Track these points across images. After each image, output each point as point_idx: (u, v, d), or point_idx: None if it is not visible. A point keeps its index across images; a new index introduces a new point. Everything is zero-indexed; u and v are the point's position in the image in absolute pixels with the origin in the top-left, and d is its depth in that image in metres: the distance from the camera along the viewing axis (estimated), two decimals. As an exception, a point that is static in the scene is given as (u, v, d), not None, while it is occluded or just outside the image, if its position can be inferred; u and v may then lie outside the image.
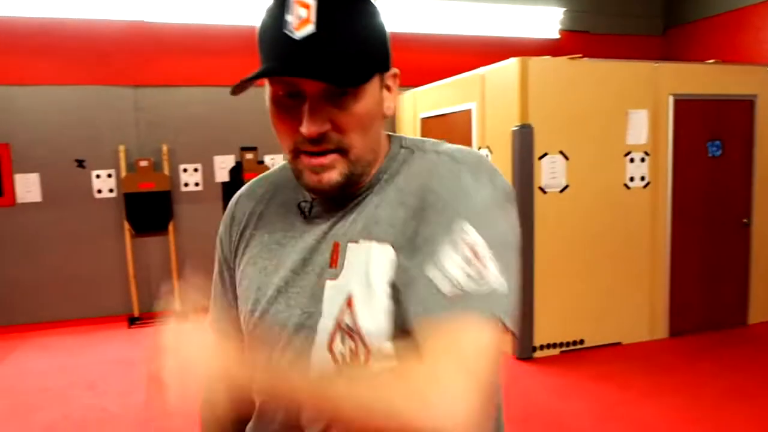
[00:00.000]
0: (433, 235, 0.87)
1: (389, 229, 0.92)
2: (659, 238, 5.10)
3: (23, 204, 5.88)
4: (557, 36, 7.24)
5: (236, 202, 1.16)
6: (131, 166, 6.05)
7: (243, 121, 6.33)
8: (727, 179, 5.29)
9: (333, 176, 0.91)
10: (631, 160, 4.94)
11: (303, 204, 1.02)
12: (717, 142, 5.22)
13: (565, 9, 7.21)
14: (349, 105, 0.87)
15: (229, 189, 6.41)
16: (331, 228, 0.97)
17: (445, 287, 0.82)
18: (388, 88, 0.96)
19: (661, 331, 5.18)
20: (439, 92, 5.89)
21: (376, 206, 0.95)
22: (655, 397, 4.04)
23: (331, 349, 0.91)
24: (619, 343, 5.01)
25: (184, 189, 6.29)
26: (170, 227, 6.22)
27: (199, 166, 6.31)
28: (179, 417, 3.27)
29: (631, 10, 7.67)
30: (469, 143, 5.12)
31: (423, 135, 6.14)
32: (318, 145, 0.88)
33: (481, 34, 6.90)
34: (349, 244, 0.94)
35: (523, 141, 4.58)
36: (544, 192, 4.69)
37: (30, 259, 5.94)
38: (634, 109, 4.92)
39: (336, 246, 0.95)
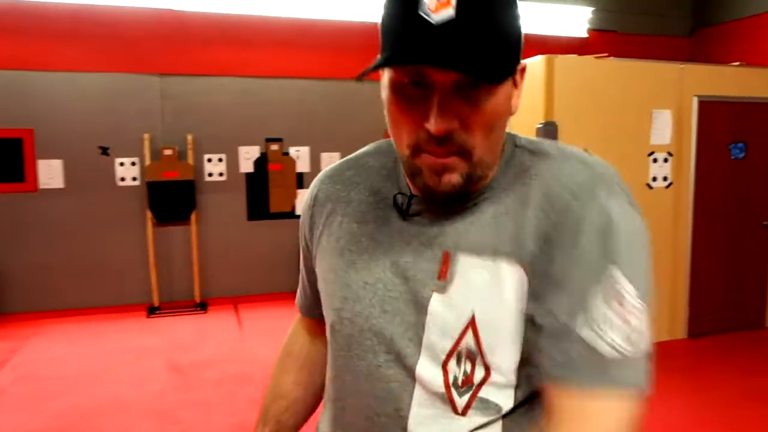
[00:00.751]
0: (578, 275, 0.79)
1: (515, 246, 0.83)
2: (680, 239, 5.10)
3: (46, 190, 5.90)
4: (585, 35, 7.22)
5: (320, 182, 1.07)
6: (156, 155, 6.07)
7: (268, 112, 6.36)
8: (749, 181, 5.29)
9: (454, 178, 0.82)
10: (654, 160, 4.95)
11: (400, 198, 0.93)
12: (740, 145, 5.22)
13: (593, 8, 7.19)
14: (481, 101, 0.78)
15: (253, 180, 6.43)
16: (438, 233, 0.88)
17: (603, 348, 0.77)
18: (515, 84, 0.86)
19: (681, 331, 5.19)
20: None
21: (495, 216, 0.86)
22: (674, 397, 4.04)
23: (445, 368, 0.84)
24: (638, 342, 5.01)
25: (208, 179, 6.31)
26: (193, 217, 6.23)
27: (223, 156, 6.32)
28: (193, 408, 3.31)
29: (659, 10, 7.62)
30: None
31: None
32: (441, 145, 0.79)
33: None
34: (462, 256, 0.85)
35: (548, 138, 4.58)
36: (569, 189, 4.69)
37: (51, 245, 5.97)
38: (658, 110, 4.93)
39: (446, 256, 0.86)
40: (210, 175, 6.32)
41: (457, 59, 0.74)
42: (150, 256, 6.14)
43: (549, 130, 4.58)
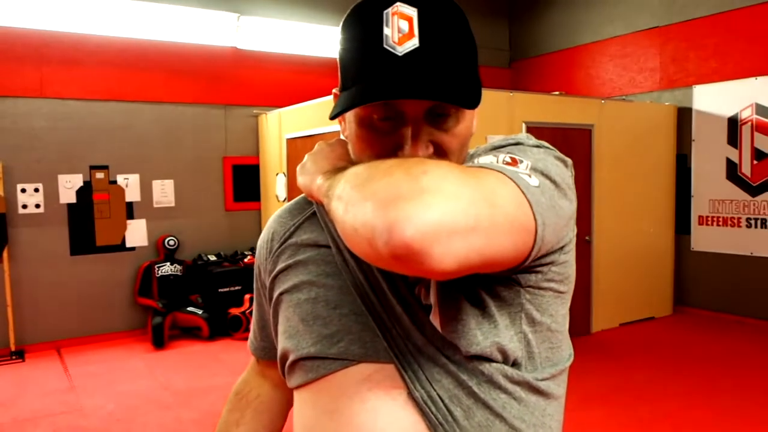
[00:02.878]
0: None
1: None
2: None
3: None
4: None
5: (278, 216, 1.07)
6: (-43, 186, 5.37)
7: (93, 137, 5.93)
8: (571, 200, 5.75)
9: None
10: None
11: None
12: (562, 167, 5.67)
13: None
14: (452, 126, 0.81)
15: (76, 211, 5.91)
16: None
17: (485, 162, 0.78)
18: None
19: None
20: (303, 113, 5.87)
21: None
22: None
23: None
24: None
25: (22, 211, 5.69)
26: (5, 254, 5.60)
27: (40, 185, 5.74)
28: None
29: (480, 43, 8.11)
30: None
31: (287, 154, 6.08)
32: None
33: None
34: None
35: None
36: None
37: None
38: (491, 135, 5.22)
39: None
40: (24, 206, 5.71)
41: (431, 89, 0.76)
42: (-49, 301, 5.40)
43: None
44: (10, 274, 5.65)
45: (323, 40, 6.78)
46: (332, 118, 0.82)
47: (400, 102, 0.77)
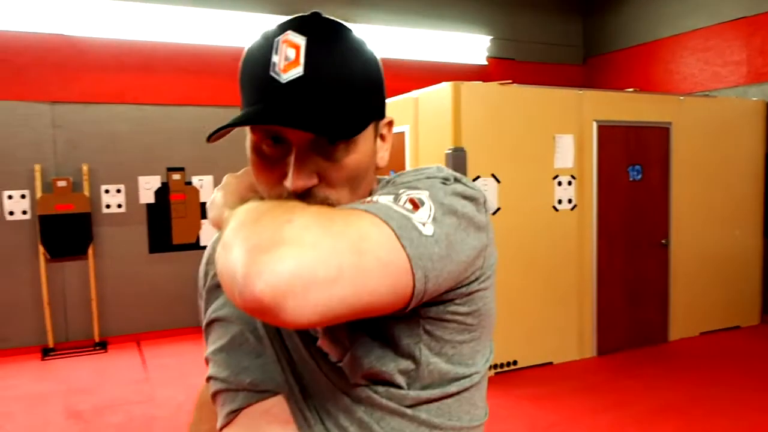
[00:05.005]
0: None
1: None
2: (585, 259, 5.25)
3: (-75, 226, 5.47)
4: (484, 62, 7.47)
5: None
6: (48, 186, 5.73)
7: (169, 140, 6.17)
8: (646, 202, 5.53)
9: None
10: (559, 183, 5.09)
11: None
12: (637, 167, 5.46)
13: (491, 36, 7.47)
14: (340, 157, 0.79)
15: (154, 211, 6.18)
16: None
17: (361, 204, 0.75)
18: (383, 137, 0.88)
19: (590, 350, 5.32)
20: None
21: None
22: (587, 415, 4.13)
23: None
24: (550, 363, 5.11)
25: (105, 211, 6.01)
26: (90, 251, 5.92)
27: (122, 186, 6.05)
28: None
29: (553, 40, 8.04)
30: (402, 166, 5.14)
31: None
32: (303, 200, 0.78)
33: (412, 59, 7.00)
34: None
35: (457, 164, 4.63)
36: (478, 214, 4.74)
37: (-69, 286, 5.52)
38: (560, 134, 5.08)
39: None
40: (108, 206, 6.02)
41: (304, 118, 0.74)
42: (43, 294, 5.77)
43: (458, 156, 4.63)
44: (95, 269, 5.97)
45: (388, 41, 6.81)
46: (208, 139, 0.82)
47: (284, 129, 0.76)
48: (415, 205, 0.74)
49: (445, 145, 4.68)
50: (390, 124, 0.90)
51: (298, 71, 0.75)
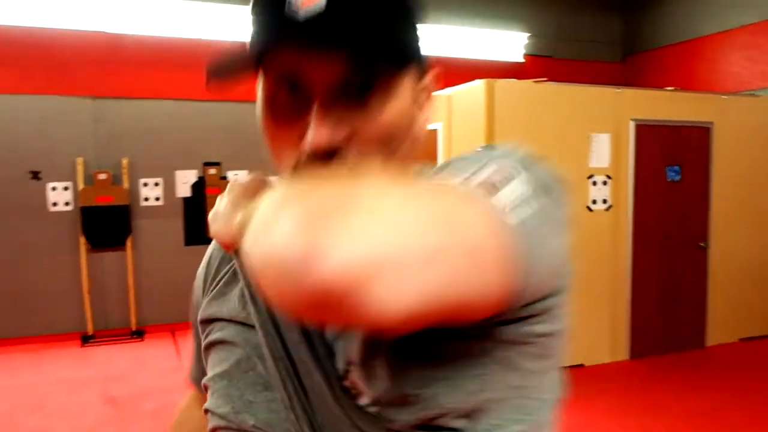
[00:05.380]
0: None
1: None
2: (621, 261, 5.16)
3: (-27, 216, 5.68)
4: (521, 60, 7.39)
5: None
6: (89, 179, 5.91)
7: (206, 135, 6.28)
8: (685, 203, 5.40)
9: None
10: (594, 183, 5.01)
11: None
12: (676, 167, 5.33)
13: (529, 34, 7.38)
14: (373, 109, 0.64)
15: (191, 205, 6.31)
16: None
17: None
18: (419, 105, 0.71)
19: (623, 352, 5.23)
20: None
21: None
22: (618, 419, 4.07)
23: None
24: (581, 365, 5.04)
25: (144, 203, 6.16)
26: (128, 243, 6.08)
27: (160, 180, 6.19)
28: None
29: (592, 37, 7.90)
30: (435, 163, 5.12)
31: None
32: (329, 161, 0.63)
33: (447, 56, 6.95)
34: None
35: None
36: (509, 213, 4.71)
37: (-22, 273, 5.73)
38: (596, 133, 5.00)
39: None
40: (146, 199, 6.17)
41: (334, 40, 0.60)
42: (84, 283, 5.95)
43: (489, 153, 4.58)
44: (133, 260, 6.12)
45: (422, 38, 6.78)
46: (209, 80, 0.66)
47: (306, 69, 0.62)
48: (495, 187, 0.57)
49: (478, 143, 4.64)
50: (429, 89, 0.73)
51: (319, 4, 0.61)
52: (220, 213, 0.68)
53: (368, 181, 0.50)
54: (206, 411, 0.80)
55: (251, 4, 0.67)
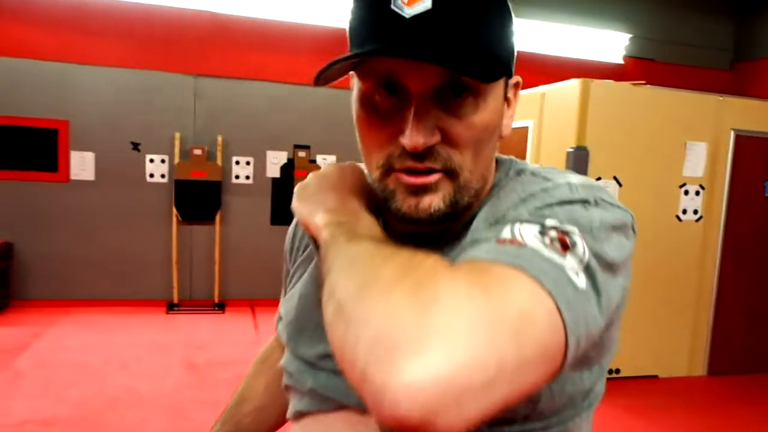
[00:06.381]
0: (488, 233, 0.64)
1: None
2: (706, 273, 5.00)
3: (77, 181, 5.98)
4: (621, 61, 7.19)
5: None
6: (185, 154, 6.13)
7: (298, 119, 6.40)
8: (782, 221, 5.17)
9: (435, 201, 0.69)
10: (686, 193, 4.86)
11: None
12: (776, 183, 5.12)
13: (631, 35, 7.16)
14: (468, 112, 0.67)
15: (279, 185, 6.46)
16: None
17: (503, 236, 0.61)
18: (508, 102, 0.76)
19: (700, 368, 5.08)
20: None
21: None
22: (694, 434, 3.96)
23: None
24: (656, 376, 4.92)
25: (234, 181, 6.35)
26: (217, 218, 6.28)
27: (251, 159, 6.36)
28: (205, 407, 3.28)
29: (700, 42, 7.59)
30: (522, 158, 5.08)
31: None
32: (422, 161, 0.67)
33: (544, 53, 6.85)
34: None
35: (578, 163, 4.54)
36: (595, 216, 4.63)
37: (78, 236, 6.04)
38: (692, 141, 4.85)
39: None
40: (237, 177, 6.35)
41: (435, 52, 0.63)
42: (173, 254, 6.19)
43: (580, 155, 4.53)
44: (220, 235, 6.32)
45: (519, 34, 6.71)
46: (317, 79, 0.69)
47: (403, 75, 0.65)
48: (565, 245, 0.59)
49: (568, 143, 4.59)
50: (517, 85, 0.77)
51: (425, 4, 0.63)
52: (308, 193, 0.76)
53: (447, 285, 0.51)
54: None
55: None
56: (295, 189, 0.80)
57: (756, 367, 5.22)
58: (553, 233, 0.60)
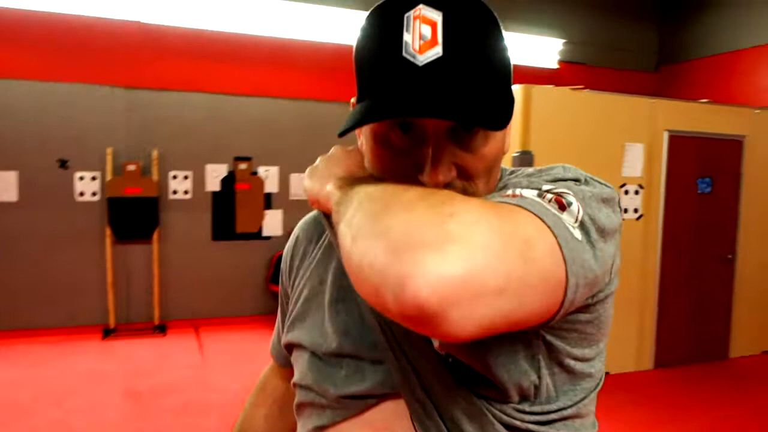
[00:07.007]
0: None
1: None
2: (649, 270, 5.16)
3: (-2, 203, 5.64)
4: (556, 66, 7.39)
5: (305, 222, 1.01)
6: (118, 170, 5.88)
7: (238, 130, 6.26)
8: (714, 215, 5.41)
9: None
10: (626, 192, 5.01)
11: None
12: (707, 179, 5.33)
13: (564, 40, 7.38)
14: (478, 146, 0.72)
15: (220, 199, 6.29)
16: None
17: (506, 194, 0.68)
18: (507, 128, 0.81)
19: (647, 362, 5.23)
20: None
21: None
22: (641, 428, 4.05)
23: None
24: (606, 373, 5.02)
25: (172, 196, 6.14)
26: (155, 235, 6.05)
27: (189, 173, 6.18)
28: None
29: (626, 46, 7.91)
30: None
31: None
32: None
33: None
34: None
35: (524, 167, 4.58)
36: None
37: (1, 261, 5.69)
38: (630, 142, 4.99)
39: None
40: (175, 192, 6.15)
41: (452, 106, 0.66)
42: (108, 275, 5.92)
43: (525, 158, 4.58)
44: (158, 254, 6.08)
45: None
46: (341, 134, 0.71)
47: (421, 120, 0.70)
48: (562, 205, 0.66)
49: (513, 148, 4.65)
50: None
51: (436, 52, 0.66)
52: (317, 171, 0.81)
53: (463, 207, 0.57)
54: (294, 385, 0.90)
55: (362, 28, 0.74)
56: (306, 171, 0.85)
57: (699, 356, 5.42)
58: (549, 195, 0.67)
